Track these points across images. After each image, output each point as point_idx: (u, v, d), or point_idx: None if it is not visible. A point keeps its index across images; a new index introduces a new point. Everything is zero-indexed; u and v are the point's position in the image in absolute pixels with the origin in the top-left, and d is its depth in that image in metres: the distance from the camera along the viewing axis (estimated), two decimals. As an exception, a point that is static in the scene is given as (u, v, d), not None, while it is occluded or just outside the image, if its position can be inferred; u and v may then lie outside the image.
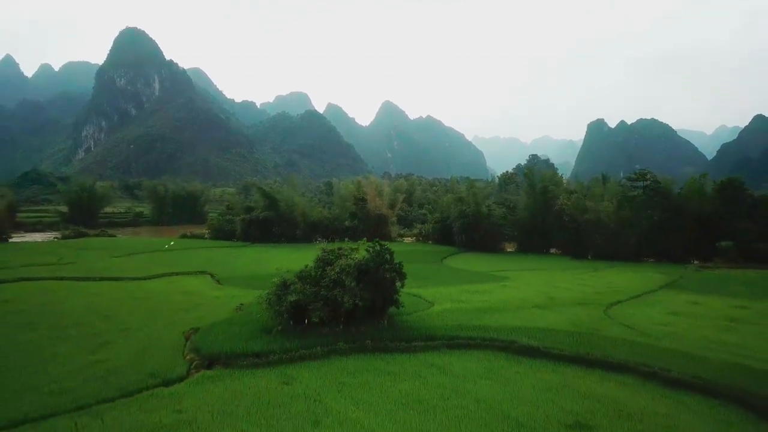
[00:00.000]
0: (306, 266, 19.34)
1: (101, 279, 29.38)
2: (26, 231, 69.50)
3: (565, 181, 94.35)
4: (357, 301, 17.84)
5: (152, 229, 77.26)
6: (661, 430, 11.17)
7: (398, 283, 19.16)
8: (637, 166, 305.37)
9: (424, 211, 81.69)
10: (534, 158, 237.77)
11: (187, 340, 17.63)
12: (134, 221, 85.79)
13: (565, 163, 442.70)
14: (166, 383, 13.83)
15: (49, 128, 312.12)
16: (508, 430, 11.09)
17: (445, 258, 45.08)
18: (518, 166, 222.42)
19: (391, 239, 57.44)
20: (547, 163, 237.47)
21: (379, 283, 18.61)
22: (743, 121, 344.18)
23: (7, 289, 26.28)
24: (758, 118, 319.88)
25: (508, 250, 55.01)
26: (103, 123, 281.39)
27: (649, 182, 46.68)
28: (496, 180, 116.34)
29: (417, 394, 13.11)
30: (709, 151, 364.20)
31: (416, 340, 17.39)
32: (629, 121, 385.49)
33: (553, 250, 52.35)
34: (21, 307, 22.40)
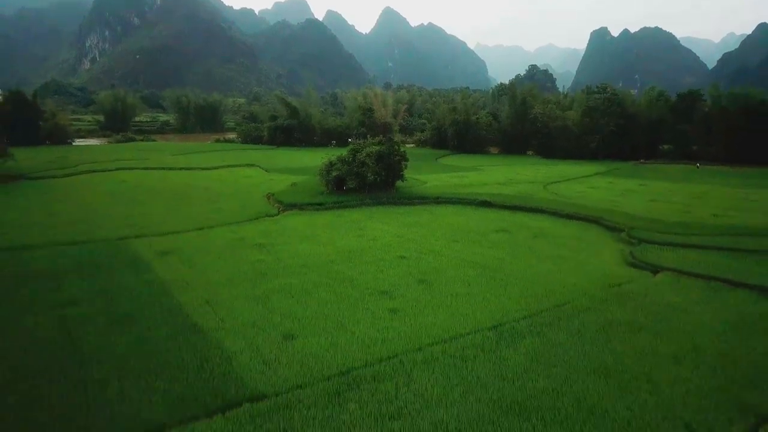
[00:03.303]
0: (342, 154, 28.89)
1: (179, 169, 38.88)
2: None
3: (563, 92, 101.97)
4: (376, 176, 27.57)
5: (180, 136, 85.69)
6: (544, 232, 21.01)
7: (403, 164, 28.88)
8: (636, 76, 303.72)
9: (423, 120, 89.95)
10: (533, 68, 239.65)
11: (268, 198, 27.51)
12: (161, 129, 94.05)
13: (566, 72, 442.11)
14: (268, 215, 23.76)
15: (50, 37, 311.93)
16: (461, 231, 20.88)
17: (439, 158, 54.33)
18: (518, 77, 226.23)
19: (394, 145, 66.57)
20: (546, 74, 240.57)
21: (391, 164, 28.30)
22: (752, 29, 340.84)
23: (114, 175, 35.77)
24: (762, 27, 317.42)
25: (493, 152, 64.02)
26: (107, 33, 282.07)
27: (608, 94, 55.22)
28: (490, 91, 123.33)
29: (414, 221, 22.93)
30: (715, 60, 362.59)
31: (414, 199, 27.26)
32: (633, 30, 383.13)
33: (529, 152, 61.45)
34: (138, 184, 32.06)
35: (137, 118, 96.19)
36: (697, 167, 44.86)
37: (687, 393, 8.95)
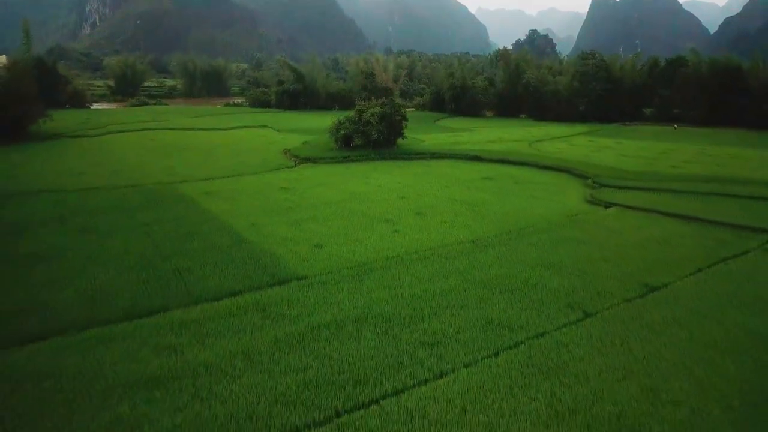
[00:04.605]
0: (349, 115, 32.38)
1: (199, 129, 42.26)
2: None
3: (561, 58, 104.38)
4: (379, 135, 31.12)
5: (188, 101, 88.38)
6: (523, 179, 24.66)
7: (404, 123, 32.43)
8: (637, 41, 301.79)
9: (422, 85, 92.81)
10: (534, 33, 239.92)
11: (284, 154, 31.13)
12: (169, 94, 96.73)
13: (568, 37, 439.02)
14: (287, 167, 27.40)
15: (48, 1, 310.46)
16: (453, 179, 24.52)
17: (436, 120, 57.62)
18: (518, 42, 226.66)
19: (395, 109, 69.94)
20: (546, 39, 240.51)
21: (393, 123, 31.84)
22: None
23: (142, 135, 38.91)
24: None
25: (488, 115, 67.27)
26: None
27: (596, 60, 58.47)
28: (488, 57, 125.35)
29: (413, 171, 26.59)
30: (718, 25, 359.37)
31: (413, 154, 30.89)
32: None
33: (522, 115, 64.82)
34: (167, 142, 35.52)
35: (145, 83, 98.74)
36: (675, 128, 48.35)
37: (604, 277, 12.66)
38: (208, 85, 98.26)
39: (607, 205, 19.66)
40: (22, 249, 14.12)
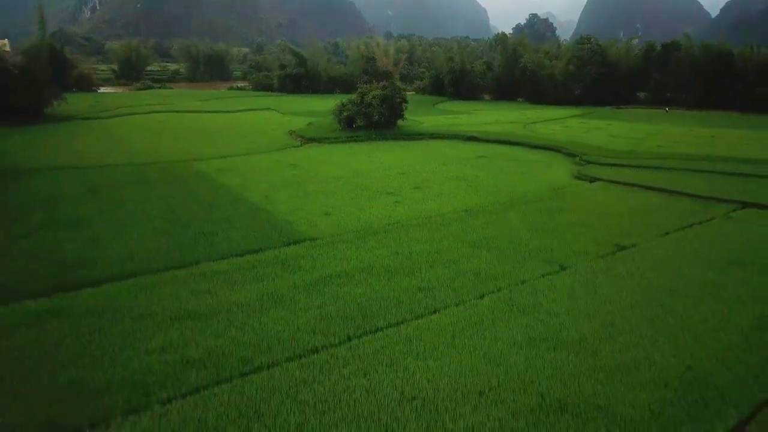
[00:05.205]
0: (351, 97, 33.86)
1: (206, 112, 43.72)
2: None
3: (560, 42, 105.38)
4: (380, 116, 32.63)
5: (191, 85, 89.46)
6: (515, 158, 26.22)
7: (404, 105, 33.93)
8: (638, 26, 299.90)
9: (422, 69, 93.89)
10: (534, 17, 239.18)
11: (290, 134, 32.68)
12: (172, 78, 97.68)
13: (569, 21, 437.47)
14: (293, 147, 28.94)
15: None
16: (450, 158, 26.06)
17: (436, 104, 59.04)
18: (518, 26, 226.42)
19: (395, 92, 71.39)
20: (546, 23, 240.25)
21: (393, 105, 33.34)
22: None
23: (151, 117, 40.45)
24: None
25: (486, 98, 68.75)
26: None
27: (592, 45, 59.84)
28: (488, 41, 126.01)
29: (413, 151, 28.14)
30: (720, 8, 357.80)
31: (413, 135, 32.45)
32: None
33: (520, 99, 66.23)
34: (176, 124, 37.01)
35: (149, 67, 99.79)
36: (666, 111, 49.85)
37: (581, 239, 14.25)
38: (210, 69, 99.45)
39: (592, 180, 21.24)
40: (61, 216, 15.76)
